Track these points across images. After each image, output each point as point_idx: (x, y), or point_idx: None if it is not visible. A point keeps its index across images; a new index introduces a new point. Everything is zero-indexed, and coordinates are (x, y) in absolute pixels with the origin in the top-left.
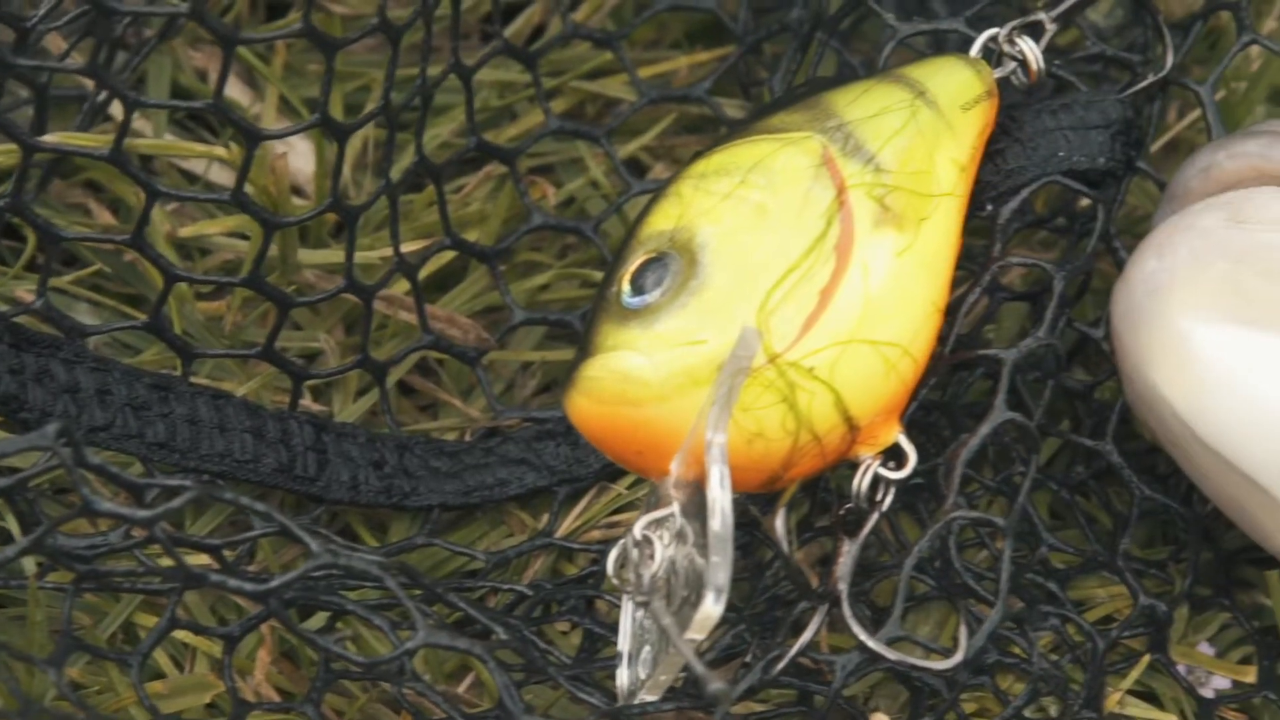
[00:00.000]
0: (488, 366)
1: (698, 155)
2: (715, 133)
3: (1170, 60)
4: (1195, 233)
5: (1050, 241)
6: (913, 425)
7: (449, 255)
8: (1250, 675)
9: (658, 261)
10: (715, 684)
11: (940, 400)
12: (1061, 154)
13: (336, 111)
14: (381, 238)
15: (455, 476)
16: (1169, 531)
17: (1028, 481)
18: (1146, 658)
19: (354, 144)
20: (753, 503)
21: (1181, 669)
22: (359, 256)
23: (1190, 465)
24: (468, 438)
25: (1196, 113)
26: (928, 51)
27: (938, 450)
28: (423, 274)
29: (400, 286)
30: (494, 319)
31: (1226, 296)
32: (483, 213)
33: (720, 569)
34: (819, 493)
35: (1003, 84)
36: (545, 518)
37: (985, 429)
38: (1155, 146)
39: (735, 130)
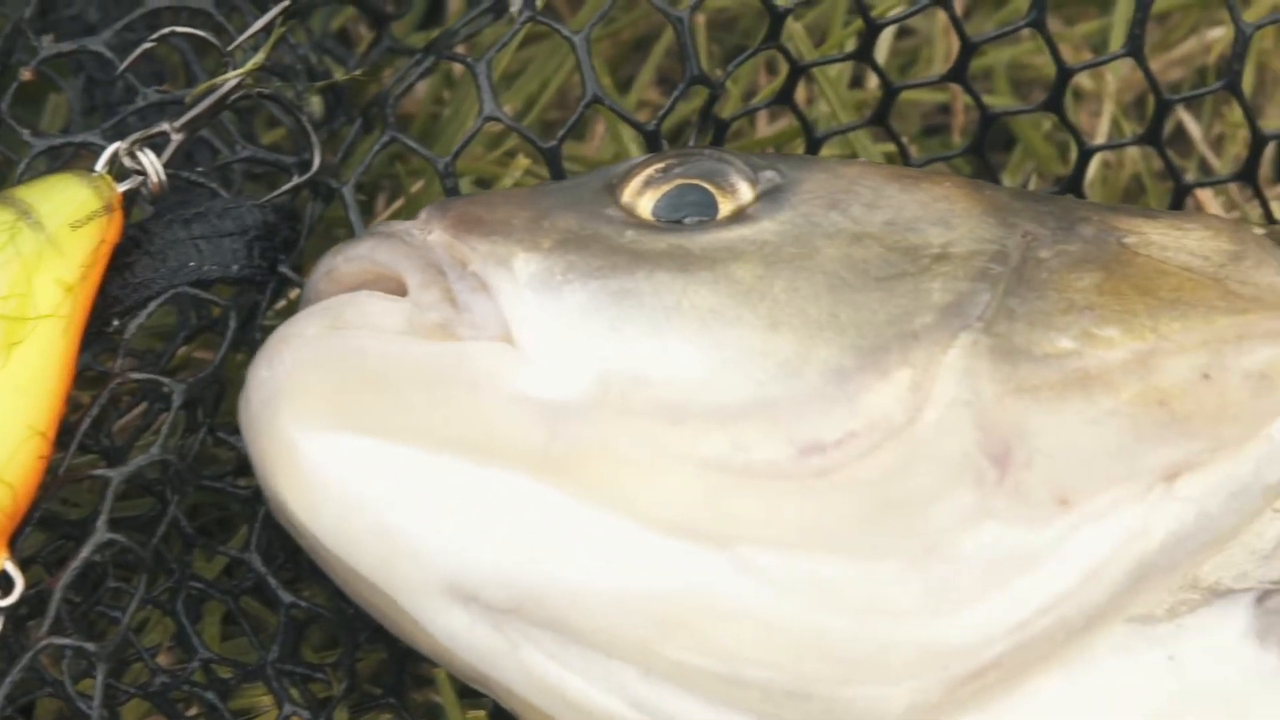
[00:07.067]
0: None
1: None
2: None
3: (317, 161)
4: (298, 341)
5: None
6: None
7: None
8: None
9: None
10: None
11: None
12: (193, 264)
13: None
14: None
15: None
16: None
17: (134, 603)
18: None
19: None
20: None
21: None
22: None
23: (330, 573)
24: None
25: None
26: None
27: None
28: None
29: None
30: None
31: (328, 405)
32: None
33: None
34: None
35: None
36: None
37: (85, 552)
38: None
39: None
